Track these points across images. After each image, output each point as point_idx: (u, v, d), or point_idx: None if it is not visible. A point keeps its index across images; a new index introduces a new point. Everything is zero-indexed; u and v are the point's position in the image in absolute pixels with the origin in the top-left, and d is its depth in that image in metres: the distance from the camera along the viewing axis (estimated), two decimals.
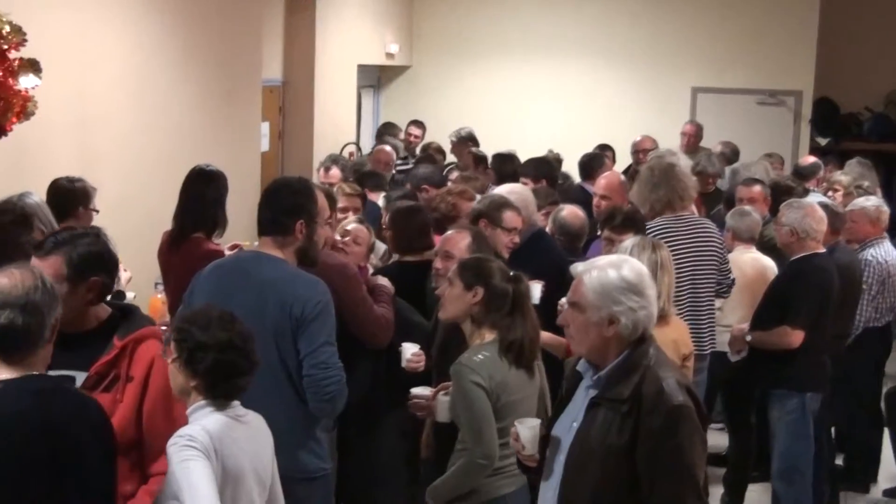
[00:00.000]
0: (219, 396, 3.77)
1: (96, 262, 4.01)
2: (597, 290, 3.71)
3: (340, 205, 7.07)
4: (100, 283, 4.01)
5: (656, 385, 3.62)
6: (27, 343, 3.33)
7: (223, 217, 6.44)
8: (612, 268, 3.75)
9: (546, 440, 3.98)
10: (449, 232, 5.69)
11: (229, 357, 3.73)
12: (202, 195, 6.43)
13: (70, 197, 6.10)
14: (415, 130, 12.84)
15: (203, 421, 3.72)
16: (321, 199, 4.86)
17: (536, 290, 6.09)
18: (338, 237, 5.88)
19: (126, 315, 4.10)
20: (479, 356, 4.63)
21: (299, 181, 4.99)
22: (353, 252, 5.78)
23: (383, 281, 5.71)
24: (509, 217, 6.23)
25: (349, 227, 6.00)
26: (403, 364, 5.41)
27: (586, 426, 3.73)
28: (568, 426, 3.83)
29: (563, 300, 6.20)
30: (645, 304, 3.72)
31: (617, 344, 3.72)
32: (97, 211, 6.23)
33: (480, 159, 10.74)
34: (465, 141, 11.93)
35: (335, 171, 8.51)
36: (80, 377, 3.92)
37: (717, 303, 7.13)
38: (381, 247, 6.98)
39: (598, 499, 3.67)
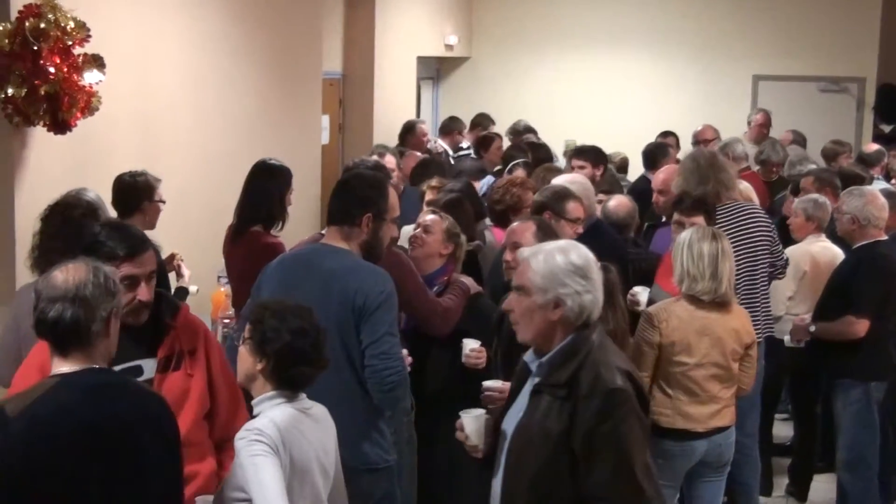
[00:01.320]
0: (284, 382, 3.78)
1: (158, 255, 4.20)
2: (543, 273, 3.70)
3: (428, 198, 7.15)
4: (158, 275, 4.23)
5: (594, 370, 3.61)
6: (78, 336, 3.34)
7: (281, 211, 6.45)
8: (559, 252, 3.74)
9: (497, 433, 3.94)
10: (515, 223, 5.67)
11: (300, 344, 3.75)
12: (263, 189, 6.46)
13: (134, 191, 6.15)
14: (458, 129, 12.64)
15: (270, 413, 3.74)
16: (393, 197, 4.86)
17: (644, 295, 6.09)
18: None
19: (159, 299, 4.18)
20: None
21: (374, 176, 5.01)
22: (427, 242, 5.73)
23: (466, 279, 5.72)
24: (572, 207, 6.22)
25: (421, 219, 5.97)
26: (463, 359, 5.41)
27: (529, 414, 3.72)
28: (514, 417, 3.81)
29: (636, 289, 6.21)
30: (591, 287, 3.70)
31: (562, 329, 3.71)
32: (163, 202, 6.27)
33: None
34: (522, 134, 11.88)
35: (389, 158, 8.46)
36: (148, 364, 4.03)
37: (788, 290, 7.06)
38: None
39: (536, 486, 3.64)
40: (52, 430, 3.22)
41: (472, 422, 4.01)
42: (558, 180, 6.93)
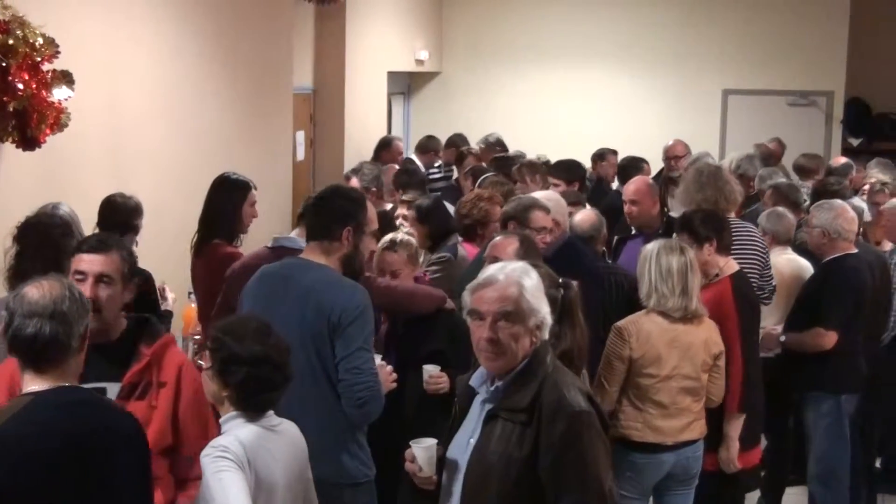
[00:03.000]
0: (250, 409, 3.78)
1: (136, 265, 4.16)
2: (535, 295, 3.61)
3: (400, 212, 7.26)
4: (135, 286, 4.14)
5: (556, 392, 3.48)
6: (55, 352, 3.34)
7: (238, 224, 6.46)
8: (530, 271, 3.67)
9: (443, 463, 3.78)
10: (497, 238, 5.67)
11: (262, 371, 3.74)
12: (220, 202, 6.50)
13: (125, 212, 6.21)
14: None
15: (236, 431, 3.74)
16: (371, 210, 4.88)
17: None
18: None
19: (143, 324, 4.14)
20: None
21: (352, 189, 5.02)
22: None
23: (437, 291, 5.76)
24: (537, 217, 6.21)
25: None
26: (424, 386, 5.40)
27: (484, 441, 3.56)
28: (465, 445, 3.66)
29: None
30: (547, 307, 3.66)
31: (528, 350, 3.60)
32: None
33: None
34: (494, 147, 11.90)
35: (354, 181, 8.32)
36: (112, 388, 3.96)
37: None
38: None
39: None
40: (27, 449, 3.20)
41: (423, 452, 3.86)
42: (535, 196, 6.92)
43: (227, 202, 6.47)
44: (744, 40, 13.93)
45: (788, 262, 7.46)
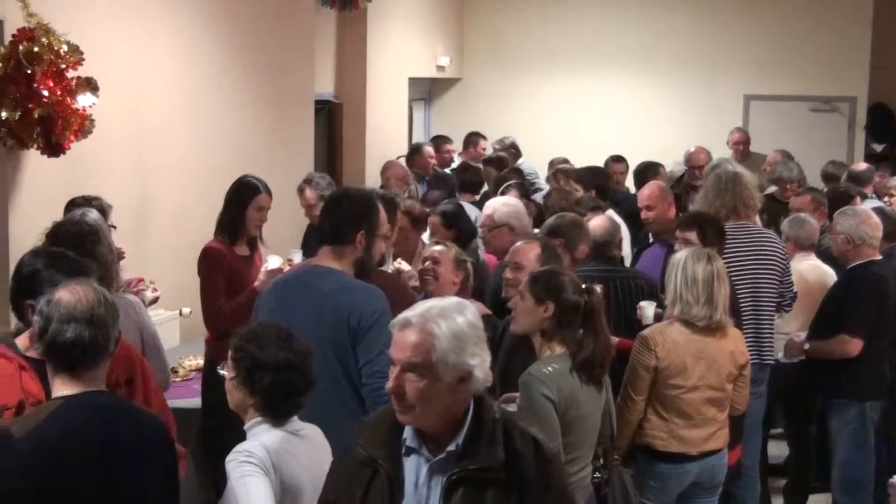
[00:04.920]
0: (277, 415, 3.79)
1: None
2: (456, 344, 3.03)
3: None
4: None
5: (525, 437, 3.11)
6: (93, 357, 3.39)
7: (241, 226, 6.43)
8: (456, 312, 3.08)
9: None
10: (518, 243, 5.69)
11: (287, 376, 3.75)
12: (227, 201, 6.52)
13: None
14: (484, 143, 12.74)
15: (261, 437, 3.75)
16: (382, 213, 4.88)
17: (650, 310, 6.08)
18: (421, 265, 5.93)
19: None
20: (549, 368, 4.57)
21: (361, 192, 5.01)
22: (440, 274, 5.77)
23: (476, 304, 5.75)
24: (583, 250, 6.29)
25: (428, 252, 5.98)
26: None
27: None
28: None
29: (642, 304, 6.16)
30: (486, 349, 3.12)
31: (461, 404, 3.07)
32: (114, 227, 6.22)
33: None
34: (508, 150, 11.95)
35: (309, 193, 7.95)
36: None
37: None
38: None
39: None
40: (59, 452, 3.25)
41: None
42: (494, 203, 7.05)
43: (232, 202, 6.49)
44: (766, 45, 13.87)
45: (812, 269, 7.43)
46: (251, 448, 3.69)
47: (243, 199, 6.46)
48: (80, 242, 4.90)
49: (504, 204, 6.96)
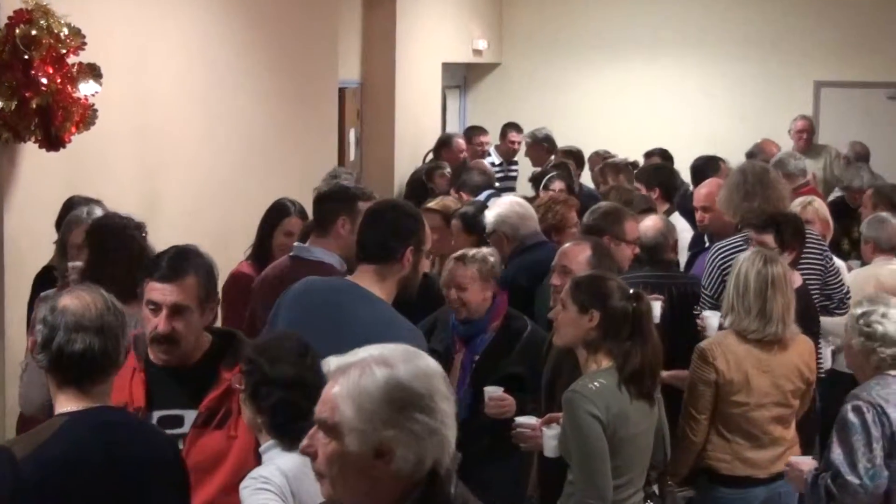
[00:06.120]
0: (286, 437, 3.76)
1: (214, 280, 4.12)
2: (357, 406, 2.59)
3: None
4: (217, 304, 4.19)
5: None
6: (103, 369, 3.40)
7: (270, 250, 6.44)
8: (381, 364, 2.63)
9: None
10: (566, 245, 5.65)
11: (295, 396, 3.71)
12: (261, 223, 6.58)
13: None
14: (515, 136, 12.74)
15: (277, 461, 3.73)
16: (428, 227, 4.80)
17: (656, 307, 6.02)
18: None
19: (228, 342, 4.12)
20: (595, 384, 4.52)
21: (406, 204, 4.95)
22: (468, 302, 5.72)
23: None
24: (631, 227, 6.23)
25: (451, 279, 5.95)
26: (486, 409, 5.36)
27: None
28: None
29: (706, 313, 6.12)
30: (435, 424, 2.59)
31: (388, 491, 2.60)
32: None
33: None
34: (541, 143, 11.99)
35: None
36: (189, 415, 3.96)
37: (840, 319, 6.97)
38: None
39: None
40: (63, 472, 3.27)
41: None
42: (498, 205, 7.07)
43: (262, 224, 6.55)
44: (838, 27, 13.79)
45: (892, 274, 7.33)
46: (267, 474, 3.67)
47: (271, 222, 6.50)
48: (127, 235, 4.96)
49: (497, 207, 6.99)
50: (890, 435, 4.74)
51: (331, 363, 2.70)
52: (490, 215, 6.91)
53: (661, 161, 10.64)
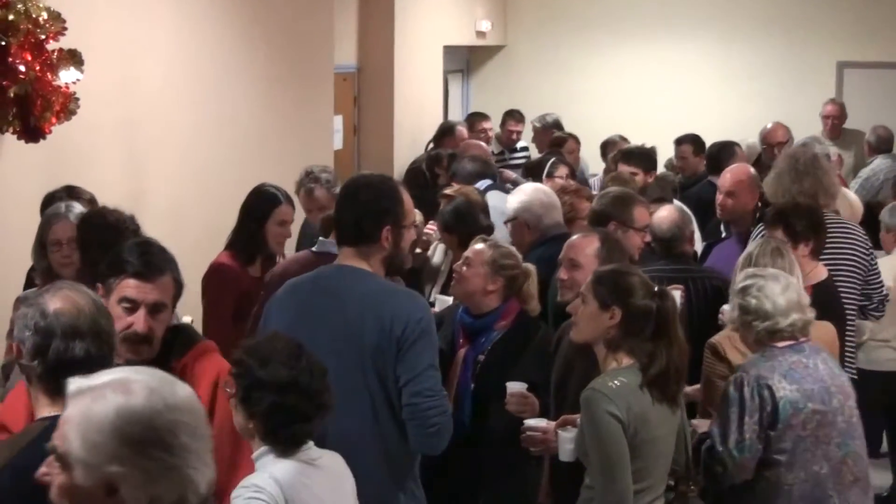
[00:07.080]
0: (279, 443, 3.77)
1: (181, 276, 4.20)
2: (83, 433, 2.46)
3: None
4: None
5: None
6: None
7: (260, 244, 6.44)
8: (119, 392, 2.48)
9: None
10: (574, 237, 5.66)
11: (289, 400, 3.73)
12: (242, 215, 6.52)
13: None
14: (514, 125, 12.77)
15: (270, 468, 3.74)
16: (408, 201, 4.83)
17: (676, 297, 6.03)
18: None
19: (176, 335, 4.18)
20: (616, 382, 4.48)
21: (381, 179, 4.96)
22: (466, 277, 5.73)
23: None
24: (640, 214, 6.25)
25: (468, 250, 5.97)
26: (507, 405, 5.35)
27: None
28: None
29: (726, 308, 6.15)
30: (174, 461, 2.45)
31: None
32: None
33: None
34: (550, 128, 12.01)
35: (320, 193, 7.53)
36: None
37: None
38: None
39: None
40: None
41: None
42: (523, 190, 7.11)
43: (248, 216, 6.47)
44: (863, 6, 13.79)
45: None
46: (260, 482, 3.67)
47: (261, 212, 6.43)
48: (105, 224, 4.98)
49: (520, 193, 7.03)
50: (772, 408, 4.80)
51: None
52: (513, 201, 6.93)
53: (692, 148, 10.70)
